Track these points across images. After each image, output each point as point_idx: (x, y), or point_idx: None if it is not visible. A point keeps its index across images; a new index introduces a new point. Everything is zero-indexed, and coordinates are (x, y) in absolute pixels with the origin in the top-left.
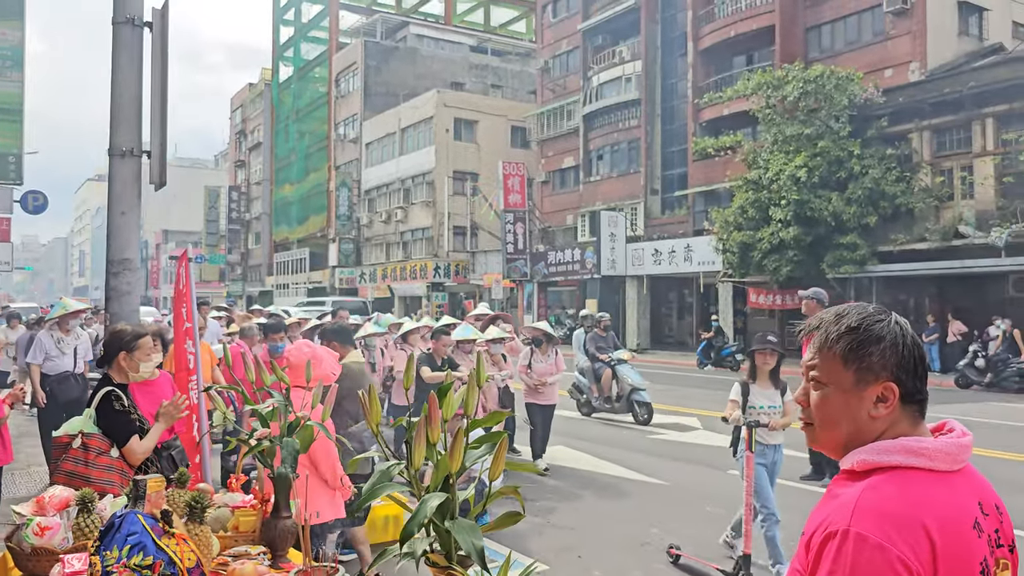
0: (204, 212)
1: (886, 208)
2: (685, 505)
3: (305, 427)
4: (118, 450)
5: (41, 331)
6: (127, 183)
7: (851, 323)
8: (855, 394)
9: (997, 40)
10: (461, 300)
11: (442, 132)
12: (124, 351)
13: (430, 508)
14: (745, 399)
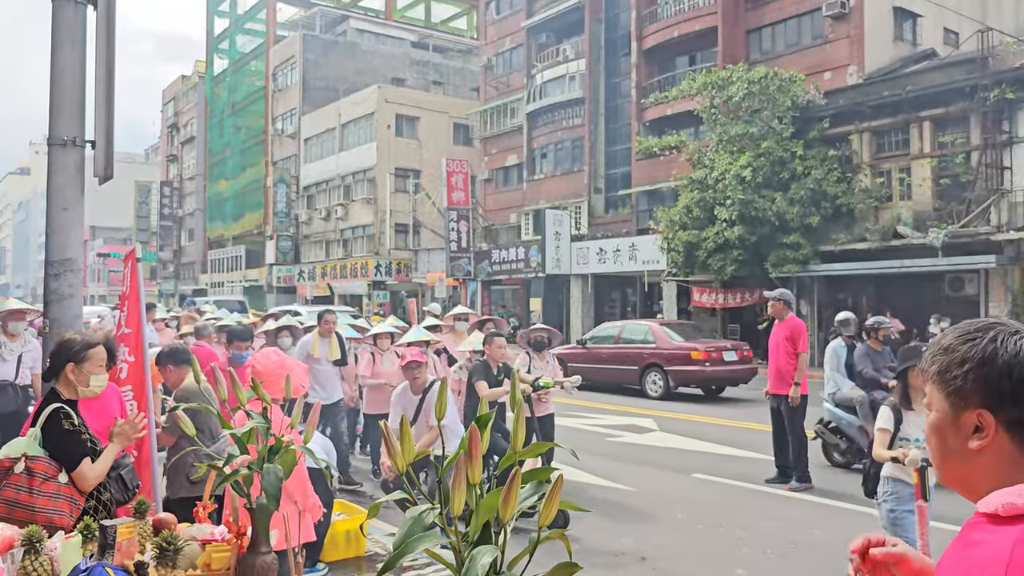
0: (134, 208)
1: (827, 208)
2: (655, 512)
3: (287, 452)
4: (67, 475)
5: None
6: (69, 175)
7: (944, 342)
8: (953, 423)
9: (930, 46)
10: (403, 299)
11: (383, 128)
12: (72, 363)
13: (482, 568)
14: (897, 429)
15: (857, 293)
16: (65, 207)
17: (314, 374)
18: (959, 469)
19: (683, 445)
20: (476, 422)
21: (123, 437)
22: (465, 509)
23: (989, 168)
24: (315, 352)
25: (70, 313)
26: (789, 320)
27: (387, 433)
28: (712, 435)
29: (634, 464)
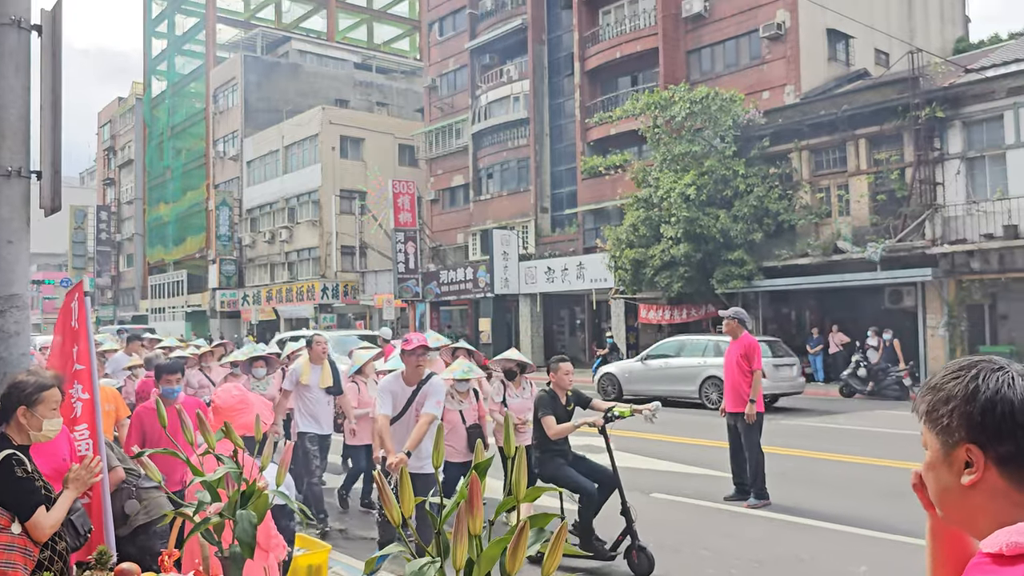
0: (70, 233)
1: (770, 225)
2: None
3: (260, 496)
4: (20, 525)
5: None
6: (15, 207)
7: (932, 382)
8: (944, 460)
9: (862, 66)
10: (351, 321)
11: (328, 150)
12: (24, 406)
13: None
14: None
15: (800, 307)
16: (10, 240)
17: (305, 403)
18: (957, 508)
19: (640, 464)
20: (475, 469)
21: (79, 483)
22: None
23: (923, 184)
24: (305, 379)
25: (17, 351)
26: (743, 338)
27: (381, 484)
28: (667, 453)
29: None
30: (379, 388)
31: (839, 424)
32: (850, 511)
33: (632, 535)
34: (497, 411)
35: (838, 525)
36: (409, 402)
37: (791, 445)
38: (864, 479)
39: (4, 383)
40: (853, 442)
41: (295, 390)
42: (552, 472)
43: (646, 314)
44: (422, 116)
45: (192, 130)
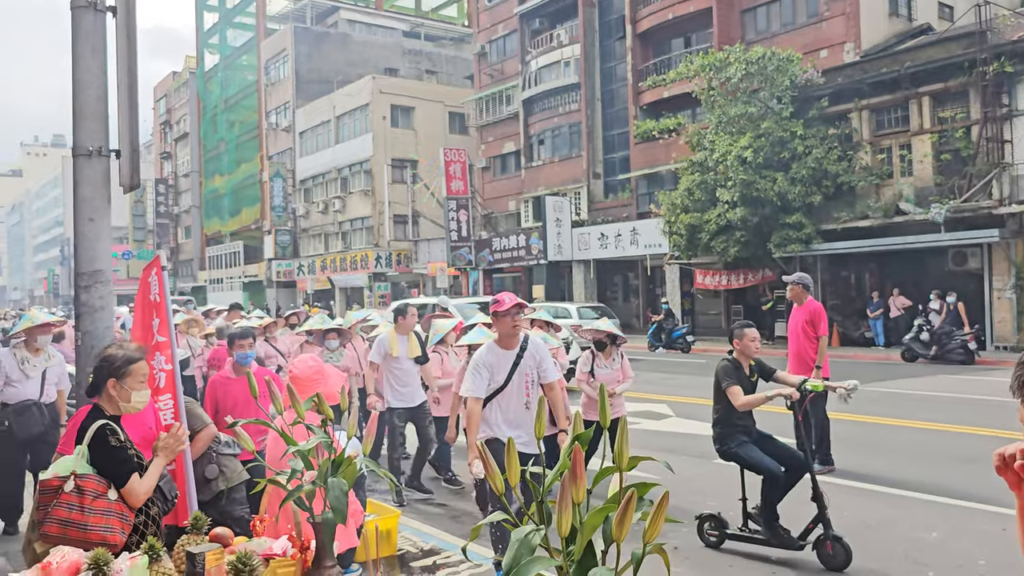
0: (130, 206)
1: (829, 187)
2: (684, 500)
3: (351, 465)
4: (116, 491)
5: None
6: (96, 186)
7: (1021, 357)
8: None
9: (925, 21)
10: (404, 290)
11: (379, 119)
12: (113, 378)
13: None
14: None
15: (860, 271)
16: (92, 218)
17: (394, 375)
18: None
19: (700, 431)
20: (577, 440)
21: (168, 450)
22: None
23: (990, 142)
24: (394, 351)
25: (102, 325)
26: (808, 304)
27: (484, 452)
28: None
29: (656, 451)
30: (473, 365)
31: (902, 389)
32: (917, 477)
33: (825, 523)
34: (585, 382)
35: (905, 491)
36: (513, 369)
37: (854, 411)
38: (931, 445)
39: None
40: (917, 407)
41: (384, 362)
42: (734, 449)
43: (702, 279)
44: (472, 83)
45: (245, 102)
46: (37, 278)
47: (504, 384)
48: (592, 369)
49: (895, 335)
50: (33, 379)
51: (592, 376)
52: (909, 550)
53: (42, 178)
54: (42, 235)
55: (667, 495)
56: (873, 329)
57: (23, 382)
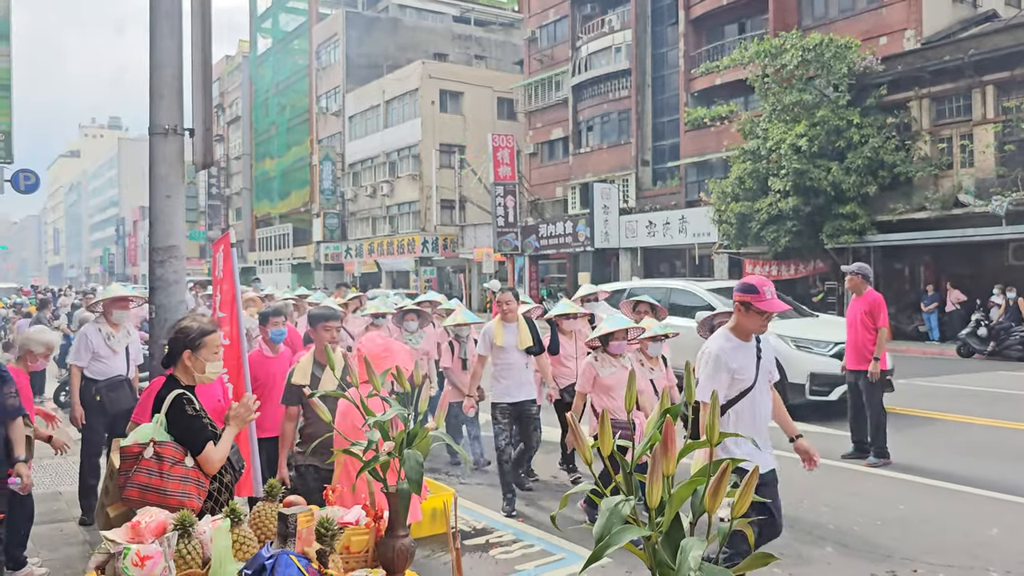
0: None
1: (885, 177)
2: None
3: (425, 438)
4: (193, 459)
5: (87, 324)
6: (171, 164)
7: None
8: None
9: (991, 7)
10: (449, 275)
11: (427, 104)
12: (189, 350)
13: (694, 560)
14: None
15: (915, 263)
16: (168, 195)
17: (501, 368)
18: None
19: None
20: (668, 413)
21: (239, 419)
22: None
23: None
24: (498, 340)
25: (175, 299)
26: (868, 294)
27: (573, 423)
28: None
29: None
30: (716, 361)
31: (959, 384)
32: (976, 472)
33: None
34: None
35: (964, 486)
36: (757, 366)
37: (909, 404)
38: (989, 441)
39: (166, 328)
40: (975, 403)
41: (490, 353)
42: None
43: (751, 269)
44: (521, 69)
45: (296, 86)
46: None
47: (753, 385)
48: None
49: (950, 330)
50: (119, 354)
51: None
52: (969, 546)
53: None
54: (98, 215)
55: (756, 469)
56: (927, 323)
57: (111, 357)
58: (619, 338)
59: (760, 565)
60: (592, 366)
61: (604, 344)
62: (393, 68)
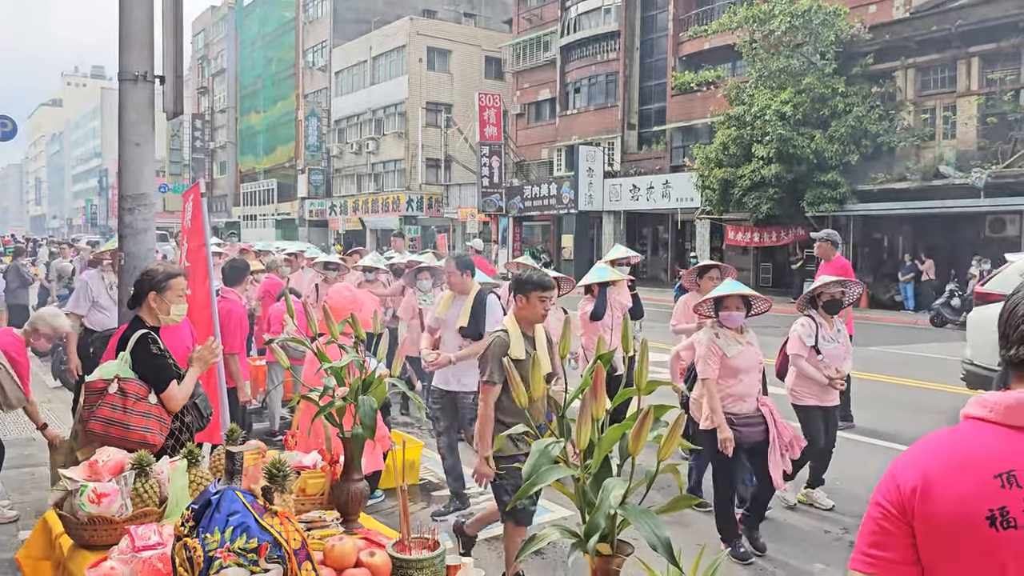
0: (166, 140)
1: (868, 147)
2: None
3: (380, 384)
4: (156, 396)
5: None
6: (141, 111)
7: None
8: None
9: None
10: (434, 234)
11: (415, 61)
12: (154, 292)
13: (615, 498)
14: None
15: (893, 233)
16: (137, 142)
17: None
18: None
19: None
20: (599, 359)
21: (202, 361)
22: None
23: None
24: (440, 312)
25: (144, 247)
26: (836, 260)
27: (510, 369)
28: None
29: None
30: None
31: (926, 353)
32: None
33: None
34: (804, 358)
35: None
36: None
37: (877, 371)
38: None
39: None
40: (944, 371)
41: None
42: None
43: (733, 236)
44: (510, 28)
45: (282, 39)
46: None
47: None
48: (817, 342)
49: (926, 300)
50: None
51: (817, 351)
52: None
53: (81, 109)
54: (80, 165)
55: (682, 416)
56: (903, 293)
57: (111, 309)
58: (731, 307)
59: (683, 507)
60: (715, 344)
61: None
62: (381, 24)
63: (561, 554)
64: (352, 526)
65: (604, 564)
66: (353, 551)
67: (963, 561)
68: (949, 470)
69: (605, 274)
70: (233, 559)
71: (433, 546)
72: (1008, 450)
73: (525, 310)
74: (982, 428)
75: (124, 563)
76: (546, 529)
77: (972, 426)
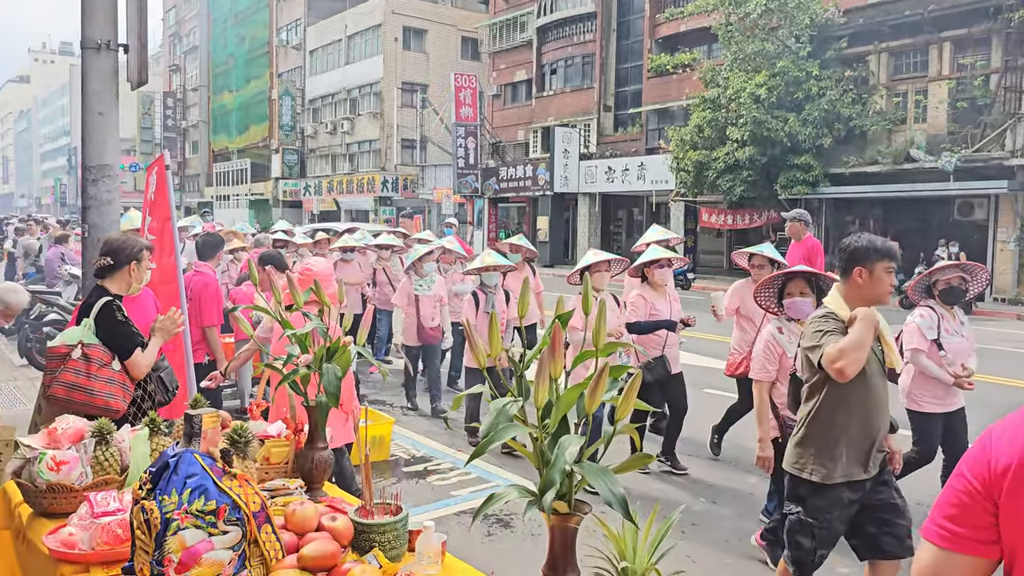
0: (138, 119)
1: (840, 130)
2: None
3: (344, 352)
4: (120, 363)
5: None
6: (104, 80)
7: None
8: None
9: None
10: (410, 215)
11: (390, 41)
12: (135, 261)
13: (570, 455)
14: None
15: (865, 216)
16: (101, 112)
17: None
18: None
19: (701, 363)
20: (558, 319)
21: (164, 331)
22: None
23: (1008, 91)
24: None
25: (108, 218)
26: (807, 240)
27: (469, 330)
28: (718, 352)
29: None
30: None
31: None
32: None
33: None
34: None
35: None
36: None
37: None
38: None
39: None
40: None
41: None
42: None
43: (707, 218)
44: (486, 8)
45: (256, 17)
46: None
47: None
48: (939, 335)
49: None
50: None
51: (940, 346)
52: None
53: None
54: (49, 143)
55: (639, 375)
56: None
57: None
58: (794, 292)
59: (639, 465)
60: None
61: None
62: (356, 2)
63: (533, 528)
64: (317, 494)
65: (561, 522)
66: (315, 515)
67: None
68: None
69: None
70: (191, 521)
71: (395, 511)
72: None
73: (868, 288)
74: None
75: (83, 529)
76: (503, 488)
77: None
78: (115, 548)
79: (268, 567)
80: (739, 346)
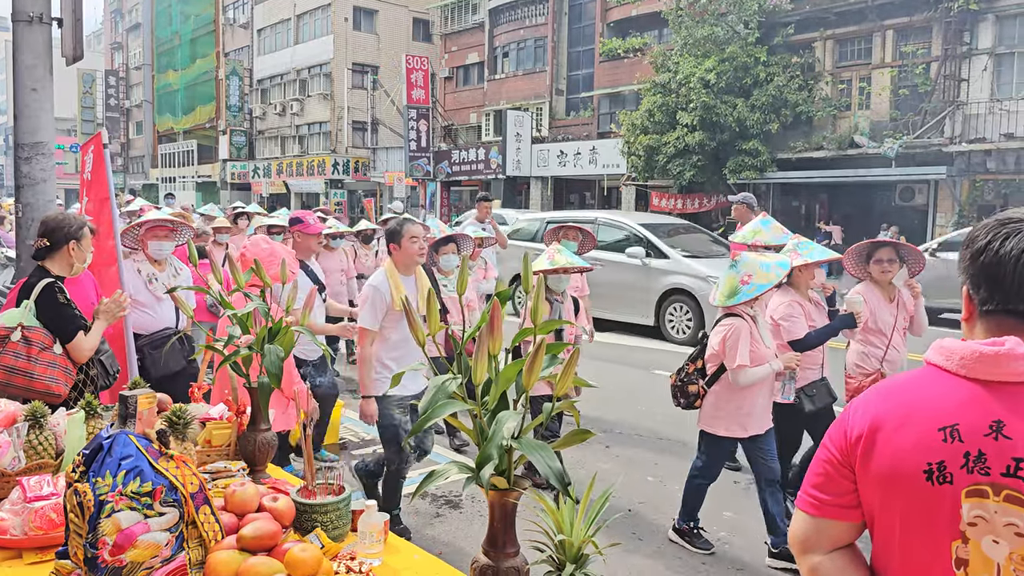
0: (78, 98)
1: (787, 116)
2: (616, 401)
3: (286, 333)
4: (62, 346)
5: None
6: (38, 54)
7: None
8: None
9: None
10: (360, 198)
11: (340, 21)
12: (75, 240)
13: (508, 430)
14: None
15: (811, 201)
16: (34, 87)
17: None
18: None
19: (642, 344)
20: (497, 296)
21: (108, 314)
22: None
23: (947, 79)
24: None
25: (44, 198)
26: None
27: (409, 311)
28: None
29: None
30: None
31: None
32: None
33: None
34: None
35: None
36: None
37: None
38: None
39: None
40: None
41: None
42: None
43: (658, 202)
44: None
45: None
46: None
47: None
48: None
49: (837, 265)
50: (165, 301)
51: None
52: None
53: None
54: None
55: (577, 352)
56: None
57: (154, 306)
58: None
59: (577, 441)
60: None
61: None
62: None
63: (482, 509)
64: (259, 476)
65: (500, 498)
66: (255, 496)
67: (897, 513)
68: (896, 420)
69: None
70: (126, 503)
71: (338, 491)
72: (956, 403)
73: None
74: (939, 377)
75: (15, 514)
76: (444, 464)
77: (929, 374)
78: (48, 533)
79: (207, 548)
80: (864, 363)
